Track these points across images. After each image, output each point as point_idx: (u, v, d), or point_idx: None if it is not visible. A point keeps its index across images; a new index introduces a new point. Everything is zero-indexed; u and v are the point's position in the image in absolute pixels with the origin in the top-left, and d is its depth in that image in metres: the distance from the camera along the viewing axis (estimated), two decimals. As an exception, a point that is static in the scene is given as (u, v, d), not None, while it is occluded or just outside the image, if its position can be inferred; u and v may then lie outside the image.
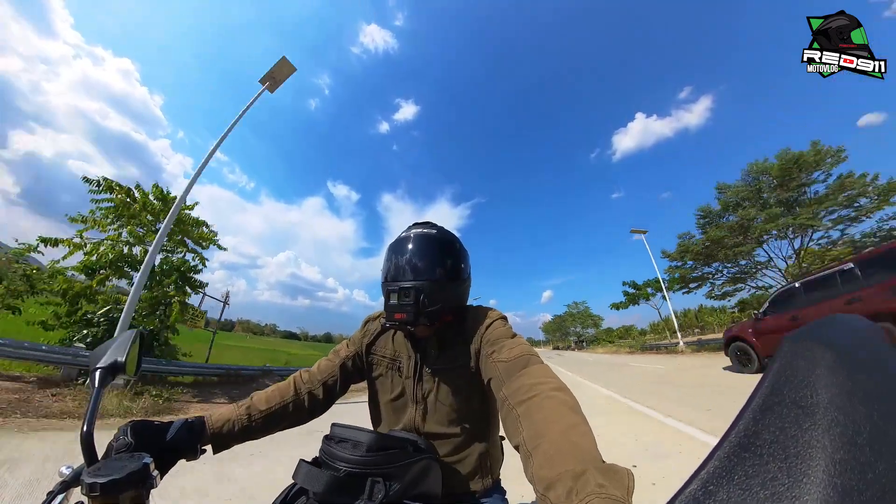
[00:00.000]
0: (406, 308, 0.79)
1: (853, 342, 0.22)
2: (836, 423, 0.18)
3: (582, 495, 0.36)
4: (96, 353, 0.68)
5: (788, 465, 0.18)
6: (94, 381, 0.62)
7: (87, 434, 0.55)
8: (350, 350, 0.98)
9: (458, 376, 0.85)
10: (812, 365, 0.20)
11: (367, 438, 0.64)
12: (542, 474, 0.43)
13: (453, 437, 0.85)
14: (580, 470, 0.39)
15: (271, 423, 0.84)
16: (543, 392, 0.56)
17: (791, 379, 0.20)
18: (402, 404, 0.90)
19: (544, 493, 0.40)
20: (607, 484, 0.36)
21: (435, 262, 0.85)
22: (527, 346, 0.74)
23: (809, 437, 0.18)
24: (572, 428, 0.48)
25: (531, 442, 0.49)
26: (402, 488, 0.60)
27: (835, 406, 0.19)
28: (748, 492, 0.18)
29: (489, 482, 0.87)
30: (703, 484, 0.19)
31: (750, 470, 0.19)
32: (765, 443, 0.19)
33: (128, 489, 0.47)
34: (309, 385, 0.92)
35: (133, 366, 0.72)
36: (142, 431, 0.63)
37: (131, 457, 0.52)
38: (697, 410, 4.40)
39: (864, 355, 0.21)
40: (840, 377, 0.20)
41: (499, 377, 0.68)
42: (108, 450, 0.60)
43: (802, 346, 0.21)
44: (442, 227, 0.94)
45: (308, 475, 0.63)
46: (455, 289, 0.88)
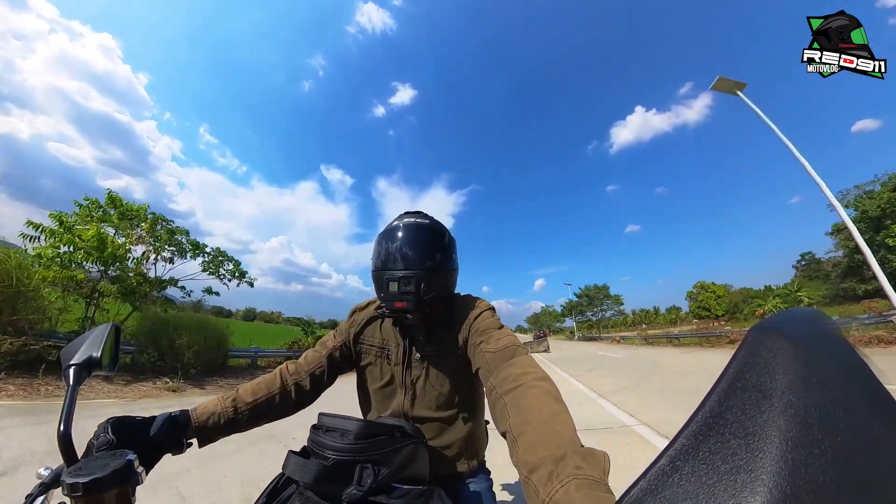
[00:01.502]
0: (407, 296, 0.80)
1: (811, 334, 0.24)
2: (791, 405, 0.21)
3: (561, 477, 0.39)
4: (69, 349, 0.65)
5: (748, 441, 0.20)
6: (69, 379, 0.60)
7: (64, 434, 0.53)
8: (337, 341, 0.99)
9: (446, 363, 0.88)
10: (773, 354, 0.22)
11: (355, 427, 0.65)
12: (525, 459, 0.46)
13: (440, 422, 0.88)
14: (560, 454, 0.43)
15: (258, 415, 0.85)
16: (528, 382, 0.60)
17: (754, 366, 0.22)
18: (391, 391, 0.93)
19: (528, 477, 0.43)
20: (585, 466, 0.40)
21: (429, 251, 0.86)
22: (513, 337, 0.77)
23: (767, 418, 0.21)
24: (554, 416, 0.52)
25: (517, 429, 0.53)
26: (390, 473, 0.61)
27: (790, 390, 0.21)
28: (711, 465, 0.20)
29: (475, 464, 0.91)
30: (672, 460, 0.21)
31: (713, 446, 0.21)
32: (727, 422, 0.21)
33: (111, 487, 0.46)
34: (296, 376, 0.92)
35: (109, 359, 0.69)
36: (123, 428, 0.62)
37: (113, 454, 0.51)
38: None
39: (819, 346, 0.24)
40: (797, 365, 0.22)
41: (487, 367, 0.72)
42: (88, 448, 0.58)
43: (766, 336, 0.23)
44: (432, 216, 0.95)
45: (297, 466, 0.63)
46: (446, 278, 0.90)
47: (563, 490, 0.38)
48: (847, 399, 0.21)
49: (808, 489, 0.18)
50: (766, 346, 0.23)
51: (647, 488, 0.21)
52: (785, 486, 0.18)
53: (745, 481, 0.19)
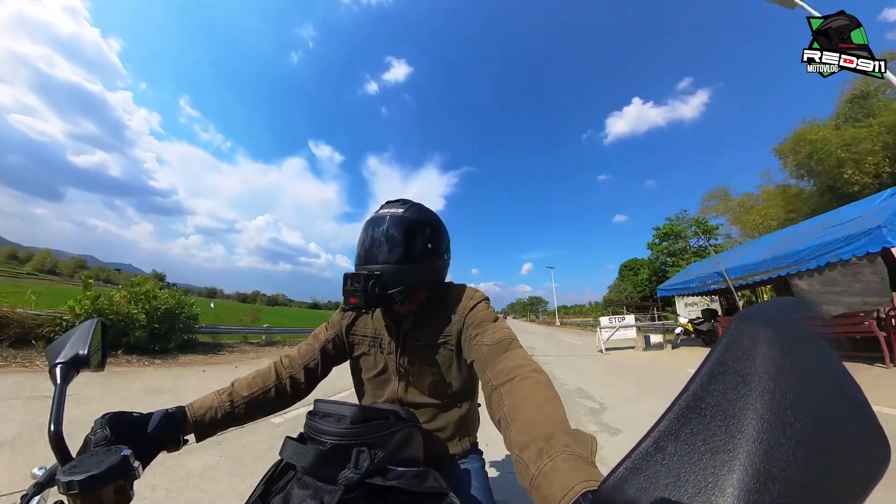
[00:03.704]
0: (356, 293, 0.81)
1: (790, 322, 0.26)
2: (767, 389, 0.22)
3: (551, 453, 0.41)
4: (54, 347, 0.64)
5: (727, 423, 0.22)
6: (56, 378, 0.59)
7: (55, 433, 0.53)
8: (329, 333, 1.00)
9: (439, 350, 0.90)
10: (753, 341, 0.24)
11: (351, 412, 0.66)
12: (517, 439, 0.49)
13: (434, 406, 0.91)
14: (550, 433, 0.45)
15: (254, 408, 0.86)
16: (522, 374, 0.63)
17: (735, 352, 0.23)
18: (385, 378, 0.95)
19: (519, 455, 0.46)
20: (573, 444, 0.42)
21: (398, 244, 0.86)
22: (508, 330, 0.79)
23: (745, 401, 0.22)
24: (546, 402, 0.54)
25: (510, 415, 0.55)
26: (386, 455, 0.62)
27: (768, 376, 0.22)
28: (692, 446, 0.22)
29: (467, 445, 0.95)
30: (655, 441, 0.23)
31: (695, 428, 0.22)
32: (708, 405, 0.22)
33: (108, 483, 0.46)
34: (290, 370, 0.94)
35: (97, 359, 0.68)
36: (120, 423, 0.62)
37: (108, 451, 0.51)
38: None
39: (797, 334, 0.25)
40: (775, 352, 0.23)
41: (482, 359, 0.73)
42: (85, 443, 0.59)
43: (748, 324, 0.25)
44: (415, 204, 0.94)
45: (294, 451, 0.64)
46: (424, 268, 0.89)
47: (551, 464, 0.40)
48: (817, 384, 0.23)
49: (780, 467, 0.20)
50: (747, 334, 0.24)
51: (633, 467, 0.23)
52: (759, 464, 0.20)
53: (724, 460, 0.21)
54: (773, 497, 0.19)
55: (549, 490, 0.38)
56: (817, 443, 0.21)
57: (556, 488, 0.37)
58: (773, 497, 0.19)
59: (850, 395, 0.24)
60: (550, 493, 0.37)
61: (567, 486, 0.36)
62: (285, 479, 0.67)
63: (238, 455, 2.86)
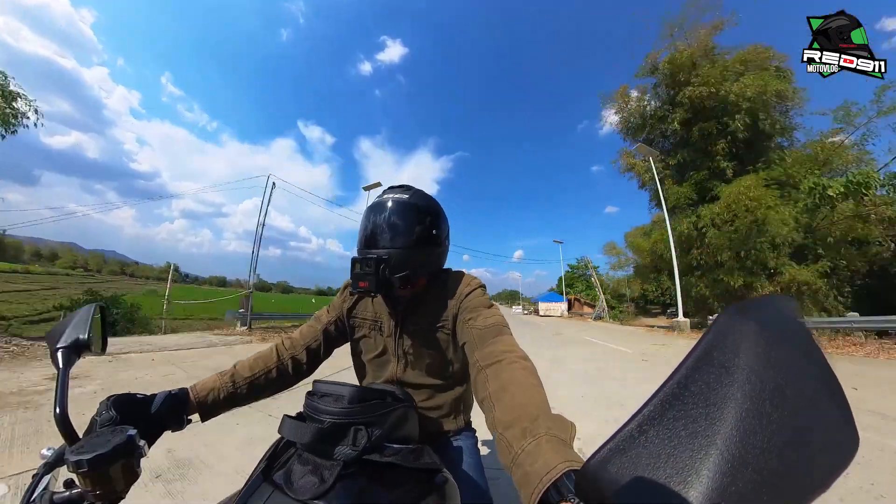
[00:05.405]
0: (367, 277, 0.83)
1: (777, 319, 0.27)
2: (749, 381, 0.23)
3: (535, 433, 0.43)
4: (54, 332, 0.65)
5: (708, 411, 0.23)
6: (58, 362, 0.60)
7: (61, 415, 0.55)
8: (331, 315, 1.03)
9: (436, 334, 0.92)
10: (740, 335, 0.25)
11: (349, 392, 0.68)
12: (501, 418, 0.52)
13: (430, 387, 0.95)
14: (534, 415, 0.48)
15: (256, 389, 0.89)
16: (509, 358, 0.66)
17: (721, 345, 0.25)
18: (384, 360, 0.98)
19: (502, 433, 0.48)
20: (555, 428, 0.44)
21: (403, 229, 0.87)
22: (501, 317, 0.82)
23: (727, 391, 0.23)
24: (532, 387, 0.57)
25: (495, 396, 0.58)
26: (382, 434, 0.64)
27: (750, 369, 0.24)
28: (674, 431, 0.23)
29: (461, 423, 0.99)
30: (639, 425, 0.24)
31: (677, 414, 0.24)
32: (692, 394, 0.24)
33: (115, 461, 0.48)
34: (292, 351, 0.96)
35: (98, 344, 0.69)
36: (125, 404, 0.64)
37: (114, 431, 0.52)
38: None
39: (782, 331, 0.26)
40: (759, 347, 0.25)
41: (473, 342, 0.76)
42: (91, 424, 0.61)
43: (735, 319, 0.26)
44: (418, 190, 0.96)
45: (293, 428, 0.66)
46: (427, 254, 0.91)
47: (535, 443, 0.42)
48: (798, 380, 0.25)
49: (754, 453, 0.22)
50: (734, 328, 0.25)
51: (615, 448, 0.24)
52: (735, 450, 0.22)
53: (702, 444, 0.22)
54: (745, 479, 0.21)
55: (531, 468, 0.39)
56: (792, 433, 0.23)
57: (539, 466, 0.39)
58: (745, 479, 0.21)
59: (828, 388, 0.26)
60: (533, 471, 0.39)
61: (550, 464, 0.38)
62: (287, 455, 0.69)
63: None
